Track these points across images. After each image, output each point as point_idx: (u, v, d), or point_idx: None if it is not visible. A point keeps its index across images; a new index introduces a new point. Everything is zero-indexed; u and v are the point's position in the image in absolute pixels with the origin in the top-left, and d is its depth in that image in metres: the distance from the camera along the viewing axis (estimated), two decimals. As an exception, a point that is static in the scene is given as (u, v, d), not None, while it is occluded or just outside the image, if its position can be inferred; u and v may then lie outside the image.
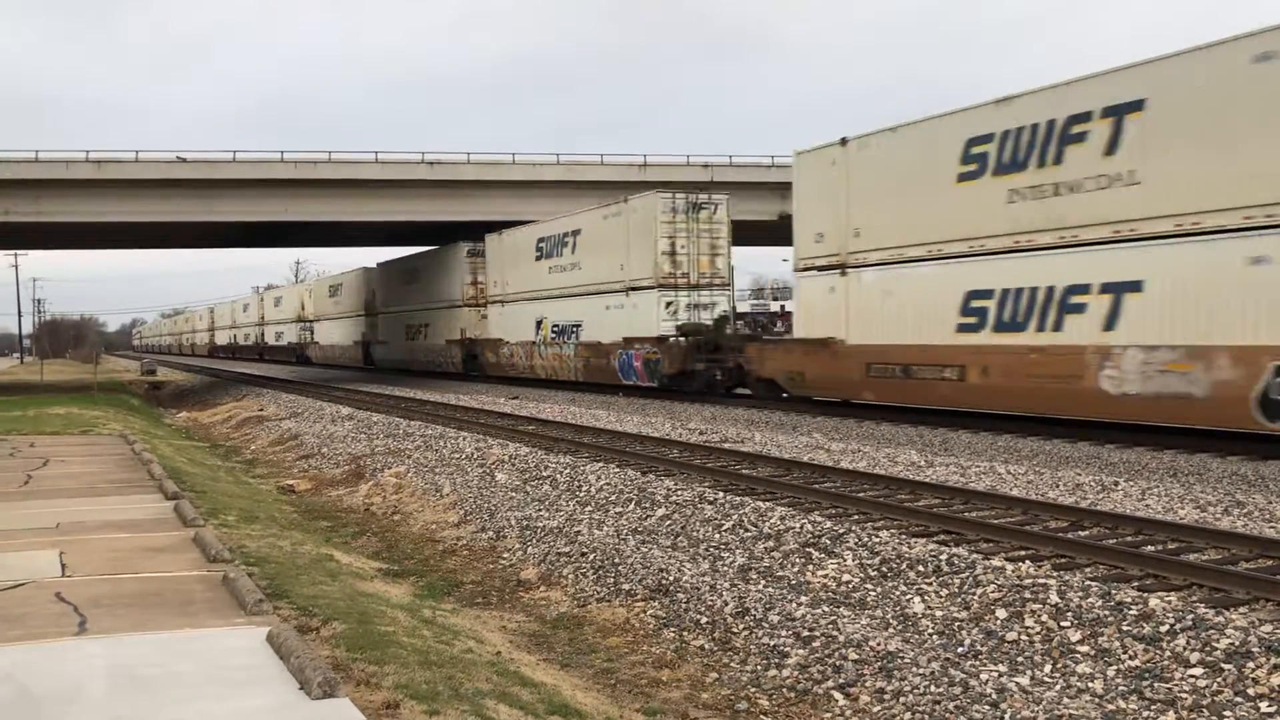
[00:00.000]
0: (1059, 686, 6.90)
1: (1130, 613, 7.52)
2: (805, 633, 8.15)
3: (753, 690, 7.56)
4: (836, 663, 7.62)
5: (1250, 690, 6.41)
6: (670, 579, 9.80)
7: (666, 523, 11.90)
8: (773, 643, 8.16)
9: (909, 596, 8.72)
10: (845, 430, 20.18)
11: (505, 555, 11.88)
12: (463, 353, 44.05)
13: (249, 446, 24.92)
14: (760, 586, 9.46)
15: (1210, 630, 7.04)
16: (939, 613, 8.32)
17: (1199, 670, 6.71)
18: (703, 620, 8.88)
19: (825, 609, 8.67)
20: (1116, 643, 7.25)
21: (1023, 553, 9.48)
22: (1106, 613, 7.60)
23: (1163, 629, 7.22)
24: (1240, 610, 7.60)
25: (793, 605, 8.75)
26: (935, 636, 7.97)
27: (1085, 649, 7.30)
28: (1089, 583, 8.18)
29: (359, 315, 59.80)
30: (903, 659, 7.44)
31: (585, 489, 13.97)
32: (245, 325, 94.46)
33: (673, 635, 8.77)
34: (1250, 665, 6.61)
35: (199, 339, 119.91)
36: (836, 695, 7.25)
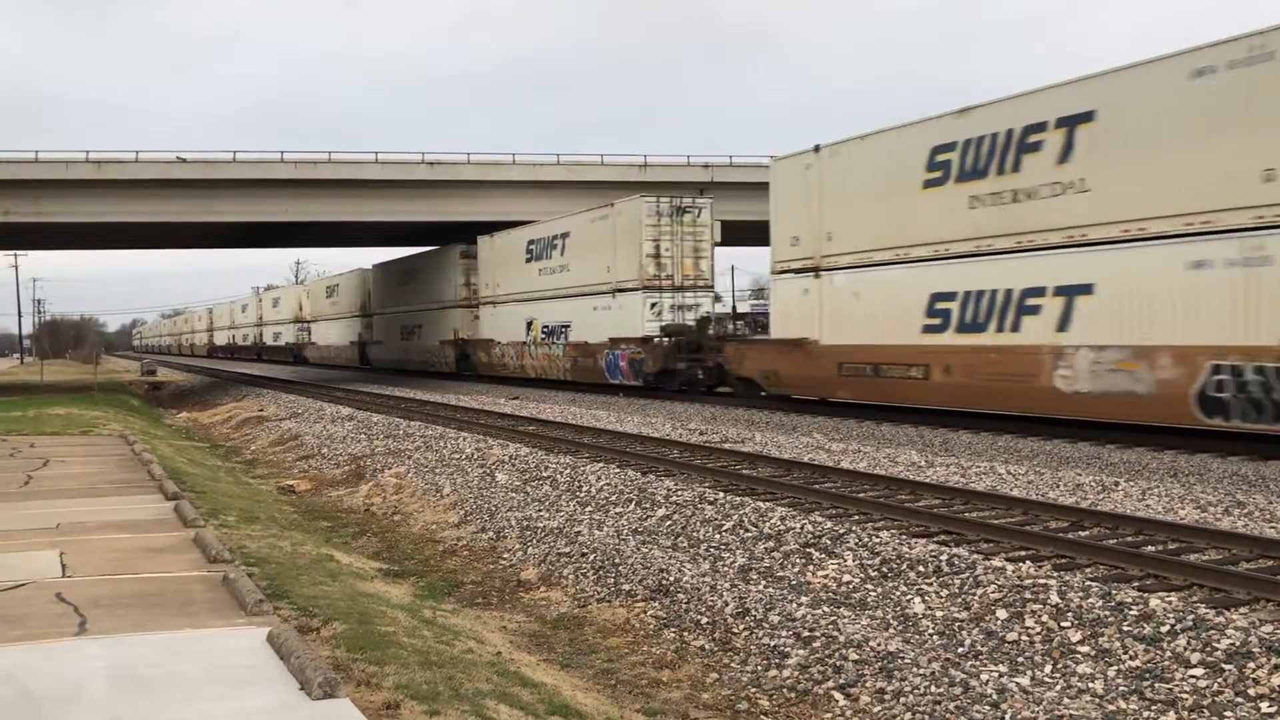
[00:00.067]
0: (1059, 687, 6.90)
1: (1131, 613, 7.52)
2: (805, 633, 8.15)
3: (753, 690, 7.56)
4: (837, 663, 7.62)
5: (1251, 691, 6.42)
6: (671, 579, 9.80)
7: (667, 523, 11.90)
8: (773, 643, 8.16)
9: (909, 597, 8.72)
10: (845, 430, 20.19)
11: (505, 555, 11.88)
12: (456, 353, 44.45)
13: (249, 447, 24.92)
14: (761, 587, 9.46)
15: (1211, 630, 7.04)
16: (939, 613, 8.32)
17: (1200, 670, 6.71)
18: (703, 620, 8.88)
19: (826, 609, 8.67)
20: (1117, 643, 7.25)
21: (1023, 553, 9.48)
22: (1107, 613, 7.60)
23: (1163, 629, 7.22)
24: (1241, 610, 7.60)
25: (793, 605, 8.75)
26: (936, 637, 7.97)
27: (1086, 649, 7.30)
28: (1089, 583, 8.18)
29: (355, 316, 60.09)
30: (903, 659, 7.44)
31: (585, 489, 13.97)
32: (244, 326, 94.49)
33: (673, 635, 8.77)
34: (1251, 665, 6.61)
35: (198, 339, 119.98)
36: (837, 695, 7.25)
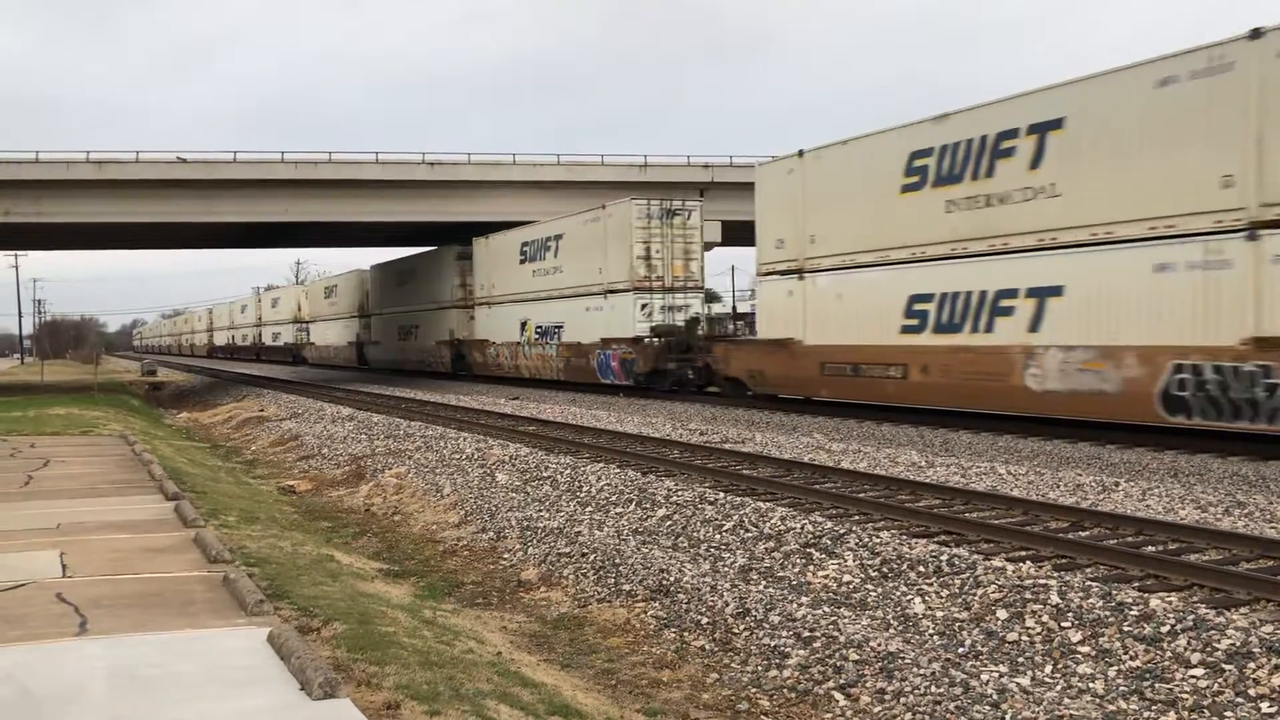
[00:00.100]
0: (1060, 687, 6.90)
1: (1131, 613, 7.52)
2: (806, 633, 8.15)
3: (753, 691, 7.56)
4: (837, 663, 7.62)
5: (1251, 691, 6.42)
6: (671, 579, 9.80)
7: (667, 523, 11.90)
8: (773, 643, 8.16)
9: (910, 597, 8.72)
10: (846, 431, 20.19)
11: (506, 556, 11.88)
12: (451, 353, 44.94)
13: (249, 447, 24.92)
14: (761, 587, 9.46)
15: (1211, 631, 7.04)
16: (940, 613, 8.32)
17: (1200, 671, 6.71)
18: (703, 621, 8.87)
19: (826, 609, 8.67)
20: (1117, 643, 7.25)
21: (1023, 553, 9.48)
22: (1107, 613, 7.60)
23: (1163, 629, 7.22)
24: (1241, 611, 7.60)
25: (793, 606, 8.75)
26: (936, 637, 7.97)
27: (1086, 649, 7.30)
28: (1090, 583, 8.18)
29: (353, 316, 60.59)
30: (903, 659, 7.44)
31: (586, 489, 13.97)
32: (243, 326, 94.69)
33: (673, 636, 8.76)
34: (1251, 666, 6.61)
35: (198, 340, 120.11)
36: (837, 696, 7.25)
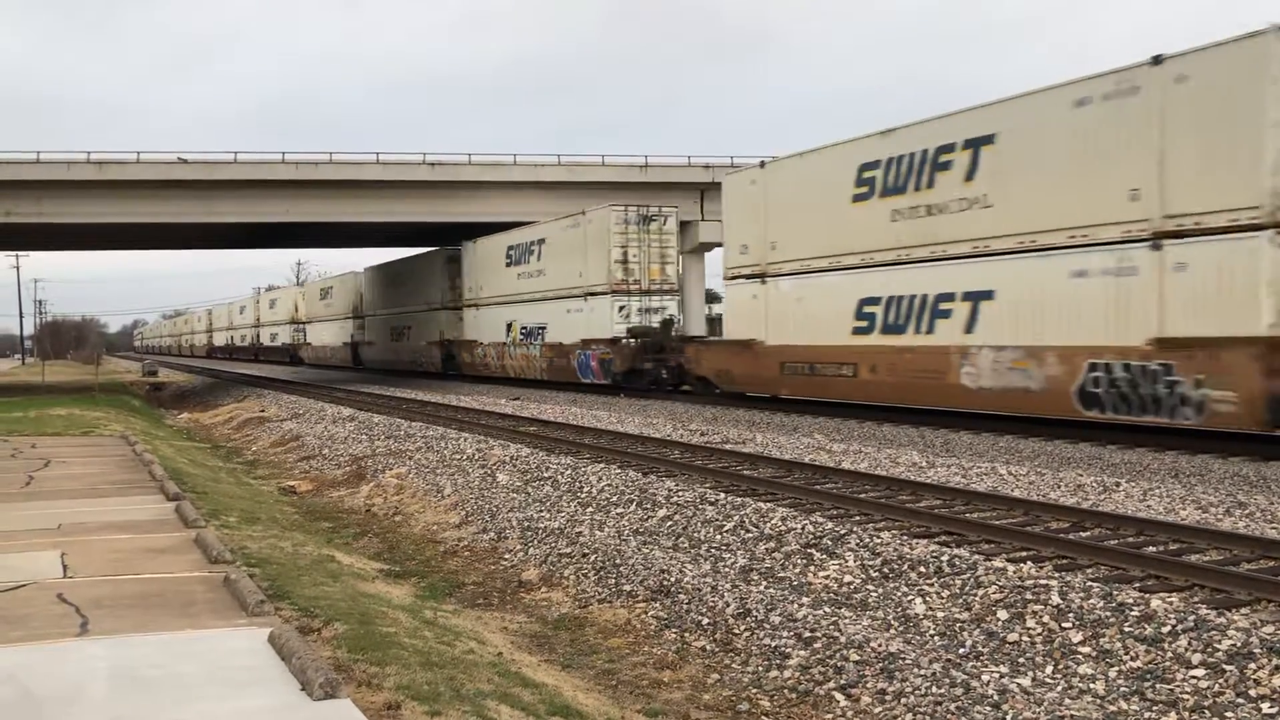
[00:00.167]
0: (1060, 687, 6.90)
1: (1132, 614, 7.52)
2: (807, 634, 8.15)
3: (754, 691, 7.56)
4: (838, 664, 7.62)
5: (1252, 691, 6.41)
6: (672, 580, 9.80)
7: (668, 524, 11.90)
8: (774, 644, 8.16)
9: (910, 597, 8.72)
10: (846, 431, 20.19)
11: (507, 556, 11.88)
12: (441, 353, 45.94)
13: (250, 447, 24.93)
14: (762, 587, 9.46)
15: (1212, 631, 7.04)
16: (940, 614, 8.32)
17: (1201, 671, 6.71)
18: (704, 621, 8.87)
19: (827, 610, 8.67)
20: (1118, 644, 7.25)
21: (1024, 554, 9.47)
22: (1108, 614, 7.60)
23: (1164, 630, 7.22)
24: (1242, 611, 7.59)
25: (794, 606, 8.75)
26: (937, 637, 7.97)
27: (1087, 650, 7.30)
28: (1090, 584, 8.18)
29: (348, 318, 61.57)
30: (904, 660, 7.44)
31: (587, 490, 13.97)
32: (242, 327, 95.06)
33: (674, 636, 8.77)
34: (1252, 666, 6.61)
35: (197, 340, 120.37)
36: (838, 696, 7.25)
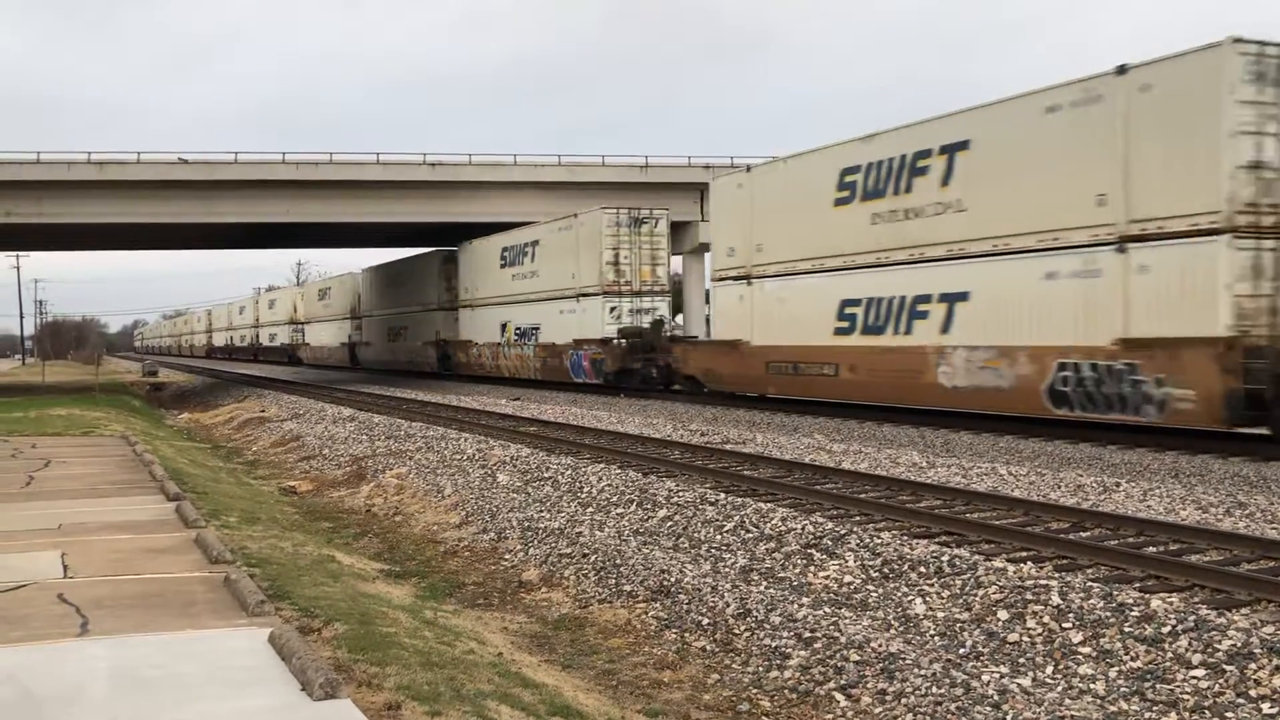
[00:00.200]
0: (1061, 688, 6.90)
1: (1132, 614, 7.51)
2: (807, 634, 8.15)
3: (754, 691, 7.56)
4: (838, 664, 7.62)
5: (1252, 692, 6.41)
6: (672, 580, 9.80)
7: (668, 524, 11.90)
8: (774, 644, 8.16)
9: (911, 598, 8.71)
10: (847, 431, 20.20)
11: (507, 556, 11.88)
12: (437, 353, 46.62)
13: (250, 448, 24.93)
14: (762, 588, 9.46)
15: (1212, 631, 7.04)
16: (941, 614, 8.32)
17: (1201, 671, 6.71)
18: (704, 621, 8.87)
19: (827, 610, 8.67)
20: (1118, 644, 7.25)
21: (1024, 554, 9.47)
22: (1108, 614, 7.60)
23: (1164, 630, 7.22)
24: (1242, 611, 7.59)
25: (794, 606, 8.75)
26: (937, 638, 7.97)
27: (1087, 650, 7.30)
28: (1091, 584, 8.17)
29: (346, 318, 62.08)
30: (904, 660, 7.44)
31: (587, 490, 13.97)
32: (241, 327, 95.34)
33: (674, 636, 8.77)
34: (1252, 666, 6.61)
35: (197, 340, 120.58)
36: (838, 696, 7.25)
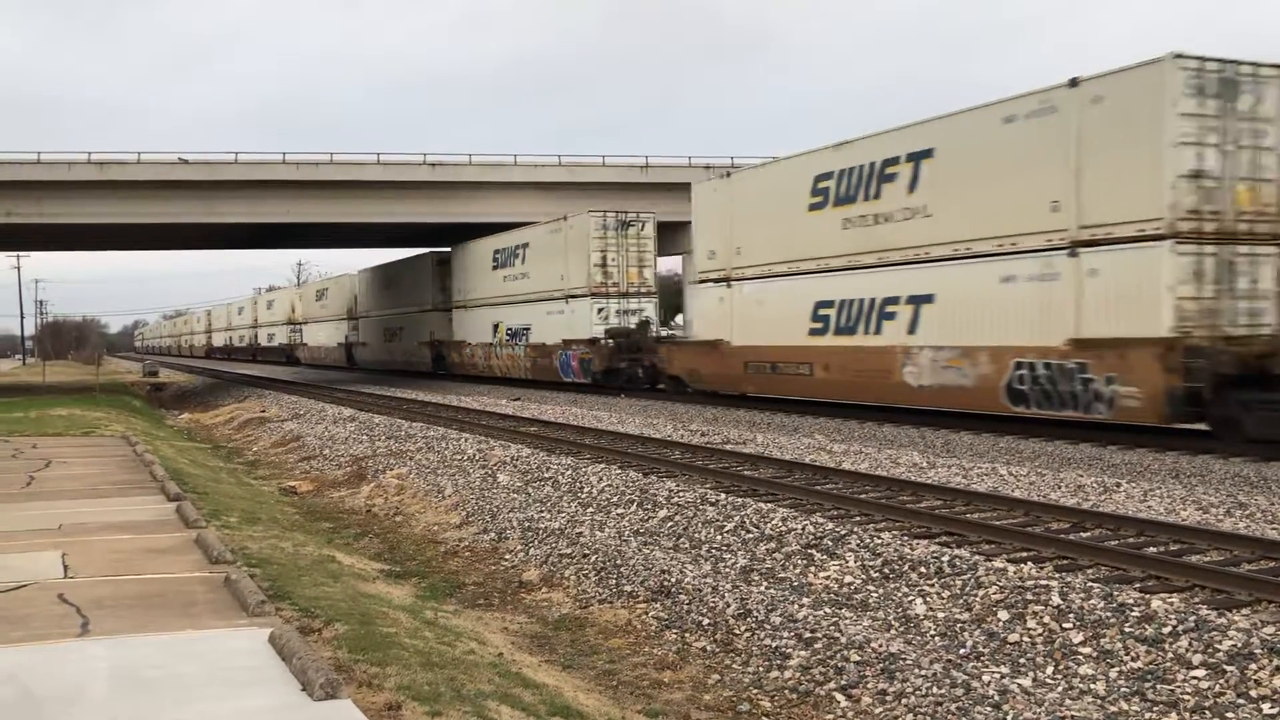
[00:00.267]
0: (1061, 688, 6.90)
1: (1132, 614, 7.51)
2: (807, 634, 8.15)
3: (755, 692, 7.56)
4: (839, 664, 7.62)
5: (1253, 692, 6.41)
6: (672, 580, 9.80)
7: (668, 524, 11.90)
8: (775, 644, 8.16)
9: (911, 598, 8.71)
10: (847, 432, 20.19)
11: (507, 557, 11.88)
12: (432, 353, 47.29)
13: (251, 448, 24.93)
14: (762, 588, 9.46)
15: (1213, 632, 7.04)
16: (941, 614, 8.32)
17: (1201, 672, 6.71)
18: (705, 622, 8.87)
19: (827, 610, 8.67)
20: (1119, 644, 7.25)
21: (1025, 554, 9.47)
22: (1109, 614, 7.60)
23: (1165, 630, 7.22)
24: (1243, 612, 7.59)
25: (795, 607, 8.75)
26: (937, 638, 7.97)
27: (1087, 650, 7.30)
28: (1091, 584, 8.17)
29: (343, 319, 62.55)
30: (905, 660, 7.44)
31: (587, 490, 13.97)
32: (240, 327, 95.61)
33: (675, 637, 8.77)
34: (1253, 667, 6.61)
35: (196, 341, 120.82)
36: (839, 697, 7.25)
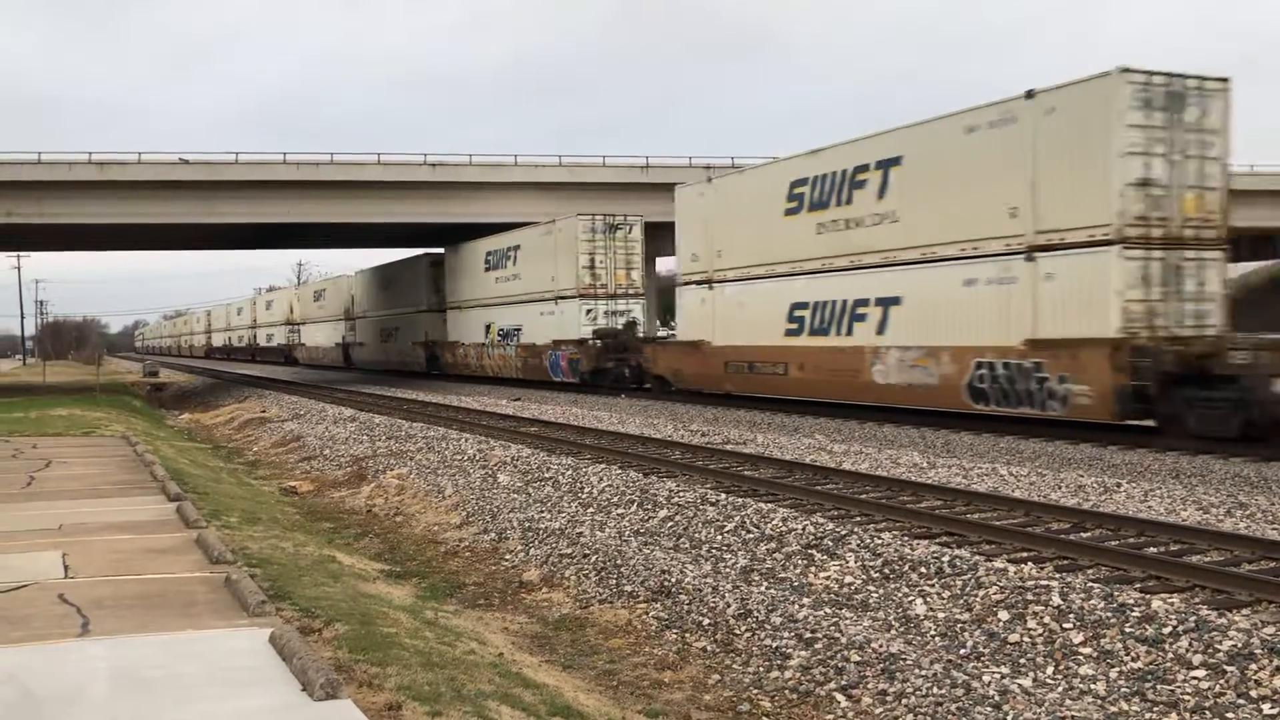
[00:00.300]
0: (1061, 688, 6.90)
1: (1133, 614, 7.51)
2: (807, 634, 8.15)
3: (755, 692, 7.56)
4: (839, 664, 7.62)
5: (1253, 692, 6.41)
6: (672, 580, 9.81)
7: (669, 524, 11.90)
8: (775, 644, 8.16)
9: (911, 598, 8.71)
10: (847, 432, 20.19)
11: (507, 557, 11.89)
12: (426, 354, 47.91)
13: (251, 448, 24.93)
14: (762, 588, 9.46)
15: (1213, 632, 7.04)
16: (941, 614, 8.32)
17: (1201, 672, 6.71)
18: (705, 622, 8.88)
19: (828, 610, 8.67)
20: (1119, 644, 7.25)
21: (1025, 554, 9.47)
22: (1109, 614, 7.60)
23: (1165, 631, 7.22)
24: (1243, 612, 7.59)
25: (795, 607, 8.75)
26: (938, 638, 7.97)
27: (1088, 651, 7.30)
28: (1091, 584, 8.18)
29: (340, 319, 62.98)
30: (905, 660, 7.44)
31: (587, 490, 13.97)
32: (239, 328, 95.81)
33: (675, 637, 8.77)
34: (1253, 667, 6.61)
35: (196, 341, 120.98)
36: (839, 697, 7.25)
